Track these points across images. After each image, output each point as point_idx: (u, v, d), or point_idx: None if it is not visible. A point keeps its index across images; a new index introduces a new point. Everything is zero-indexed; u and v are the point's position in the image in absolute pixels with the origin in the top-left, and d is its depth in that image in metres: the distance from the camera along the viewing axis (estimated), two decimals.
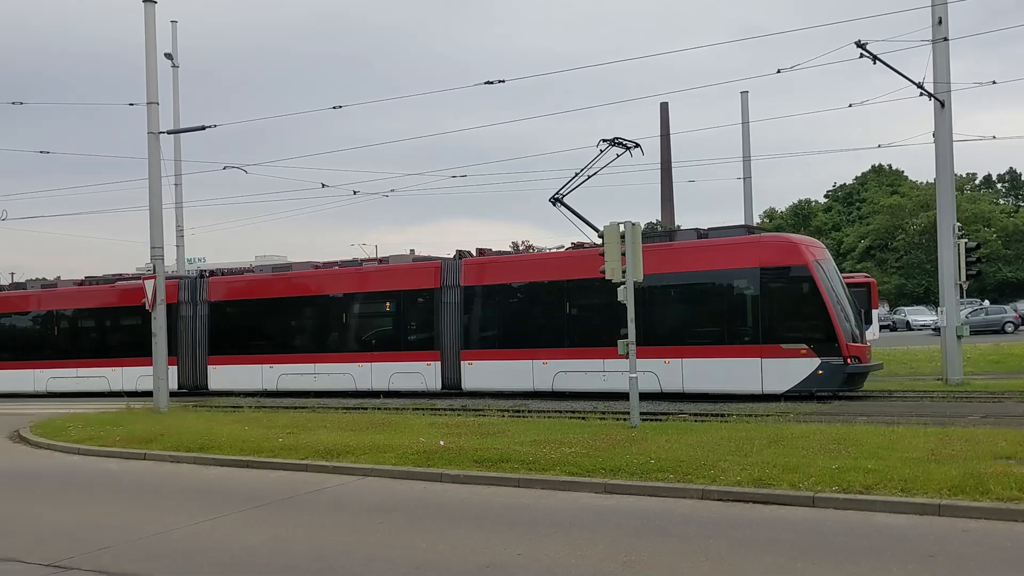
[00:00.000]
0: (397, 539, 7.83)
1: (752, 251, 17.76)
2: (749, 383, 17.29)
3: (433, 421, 14.60)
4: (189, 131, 20.67)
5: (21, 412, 19.87)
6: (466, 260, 21.15)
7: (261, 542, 7.90)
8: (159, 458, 12.82)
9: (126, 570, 7.00)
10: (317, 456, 11.78)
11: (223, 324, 23.96)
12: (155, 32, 18.77)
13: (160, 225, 19.17)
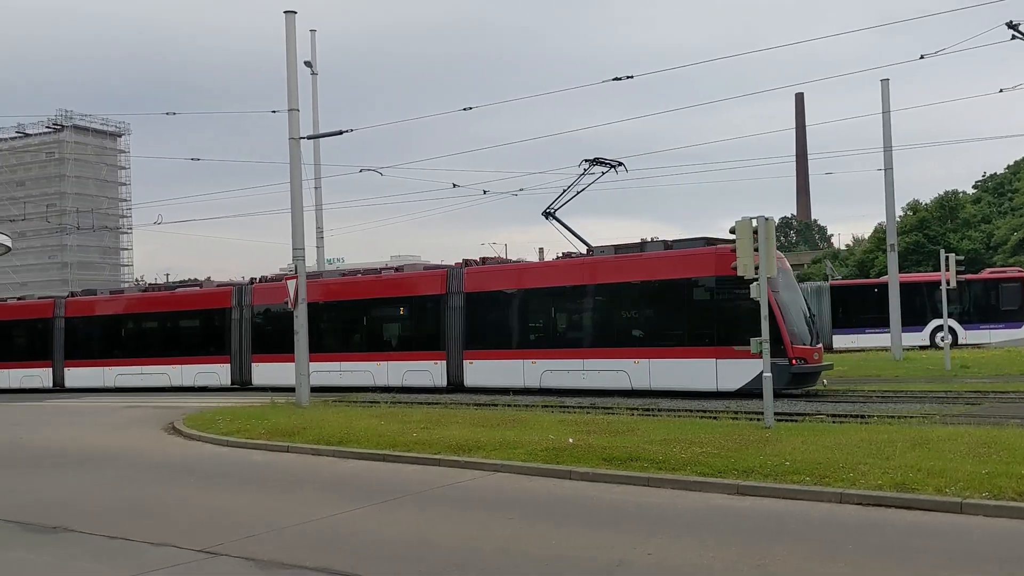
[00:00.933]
0: (528, 534, 7.91)
1: (709, 261, 19.17)
2: (706, 382, 18.79)
3: (562, 419, 14.65)
4: (328, 136, 21.46)
5: (173, 405, 21.10)
6: (468, 269, 23.09)
7: (398, 533, 8.14)
8: (301, 451, 13.37)
9: (272, 557, 7.33)
10: (450, 451, 12.03)
11: (265, 326, 26.33)
12: (295, 41, 19.54)
13: (301, 227, 19.95)
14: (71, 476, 12.05)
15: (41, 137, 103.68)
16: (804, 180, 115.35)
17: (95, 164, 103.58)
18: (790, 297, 19.06)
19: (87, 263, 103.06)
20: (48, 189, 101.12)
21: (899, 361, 26.95)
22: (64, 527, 8.69)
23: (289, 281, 19.93)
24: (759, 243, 12.93)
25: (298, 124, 19.57)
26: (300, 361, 19.24)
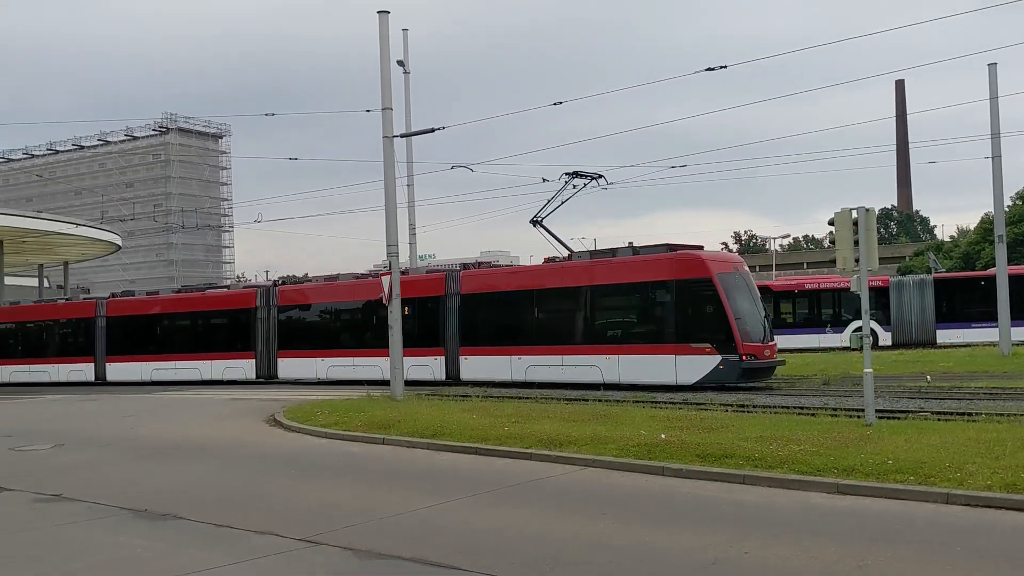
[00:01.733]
0: (620, 530, 7.89)
1: (669, 266, 21.01)
2: (666, 376, 20.38)
3: (653, 414, 14.54)
4: (420, 134, 21.75)
5: (274, 398, 21.75)
6: (463, 272, 25.26)
7: (490, 526, 8.23)
8: (396, 443, 13.62)
9: (370, 547, 7.51)
10: (541, 445, 12.07)
11: (289, 325, 28.74)
12: (389, 41, 19.85)
13: (395, 224, 20.27)
14: (179, 466, 12.56)
15: (148, 140, 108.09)
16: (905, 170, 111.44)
17: (198, 165, 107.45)
18: (743, 297, 20.67)
19: (191, 261, 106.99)
20: (155, 190, 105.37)
21: (1007, 357, 25.80)
22: (173, 515, 9.07)
23: (384, 277, 20.31)
24: (859, 235, 12.55)
25: (391, 122, 19.88)
26: (394, 355, 19.55)
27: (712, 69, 19.00)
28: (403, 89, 33.53)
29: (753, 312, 20.78)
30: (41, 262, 52.93)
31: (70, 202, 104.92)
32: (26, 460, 13.53)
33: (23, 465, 12.98)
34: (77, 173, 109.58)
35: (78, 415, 20.35)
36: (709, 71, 19.08)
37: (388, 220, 20.14)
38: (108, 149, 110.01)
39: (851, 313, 33.82)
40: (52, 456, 13.91)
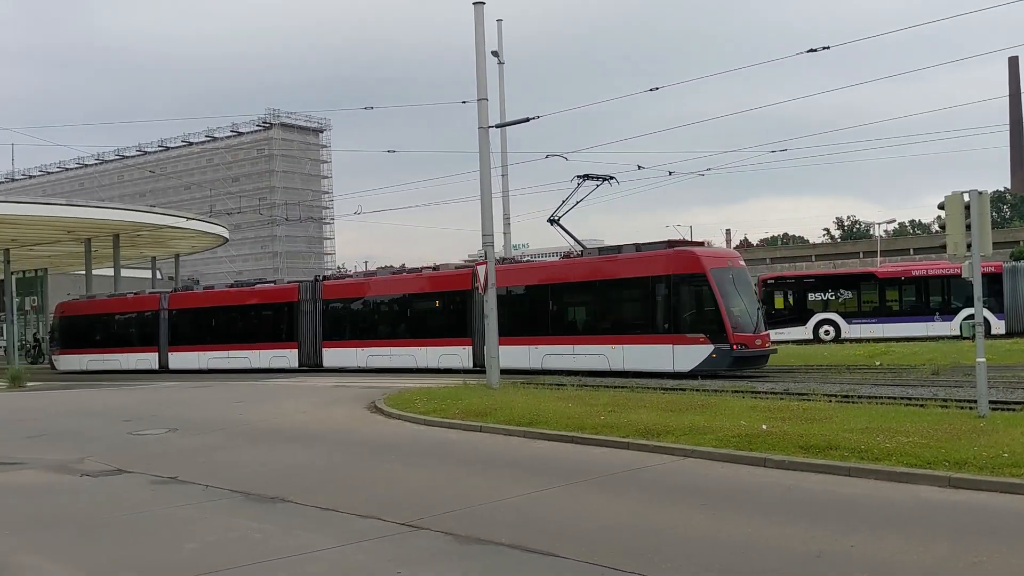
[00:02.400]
0: (721, 521, 7.80)
1: (667, 261, 22.33)
2: (665, 364, 21.76)
3: (753, 404, 14.27)
4: (515, 123, 21.85)
5: (375, 386, 22.22)
6: (476, 264, 25.58)
7: (588, 514, 8.25)
8: (493, 431, 13.75)
9: (469, 533, 7.62)
10: (637, 435, 12.01)
11: (332, 317, 30.55)
12: (484, 32, 19.98)
13: (490, 214, 20.43)
14: (286, 451, 12.99)
15: (253, 135, 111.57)
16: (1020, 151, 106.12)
17: (300, 159, 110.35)
18: (735, 291, 22.02)
19: (294, 252, 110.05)
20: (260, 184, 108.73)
21: None
22: (282, 498, 9.39)
23: (479, 267, 20.51)
24: (971, 220, 12.02)
25: (487, 113, 20.00)
26: (490, 344, 19.74)
27: (814, 50, 18.51)
28: (497, 79, 33.68)
29: (745, 304, 22.29)
30: (154, 255, 55.29)
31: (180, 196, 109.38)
32: (143, 444, 14.20)
33: (141, 449, 13.63)
34: (187, 168, 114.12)
35: (189, 401, 21.22)
36: (811, 52, 18.57)
37: (483, 210, 20.30)
38: (215, 145, 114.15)
39: (961, 300, 32.52)
40: (167, 440, 14.56)
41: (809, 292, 35.34)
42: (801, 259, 75.80)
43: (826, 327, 34.31)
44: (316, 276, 34.25)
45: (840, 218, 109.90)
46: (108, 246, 45.32)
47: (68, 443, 14.63)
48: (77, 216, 40.71)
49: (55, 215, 40.03)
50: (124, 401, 22.09)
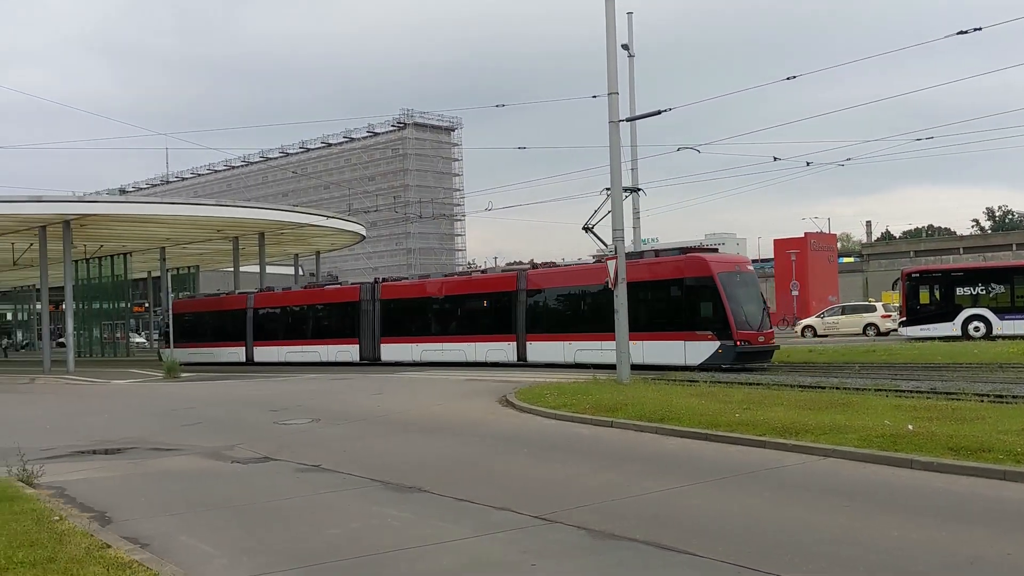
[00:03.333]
0: (864, 523, 7.53)
1: (679, 266, 24.54)
2: (677, 358, 23.66)
3: (898, 403, 13.66)
4: (646, 117, 21.64)
5: (506, 380, 22.49)
6: (529, 272, 29.26)
7: (723, 512, 8.12)
8: (624, 426, 13.69)
9: (602, 528, 7.63)
10: (774, 433, 11.71)
11: (390, 316, 32.85)
12: (615, 26, 19.87)
13: (620, 208, 20.32)
14: (421, 441, 13.36)
15: (387, 135, 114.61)
16: None
17: (433, 158, 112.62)
18: (742, 292, 23.91)
19: (427, 249, 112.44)
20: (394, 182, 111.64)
21: None
22: (418, 488, 9.67)
23: (609, 261, 20.44)
24: None
25: (617, 107, 19.88)
26: (620, 339, 19.65)
27: (964, 32, 17.50)
28: (627, 73, 33.40)
29: (750, 304, 24.10)
30: (297, 252, 57.64)
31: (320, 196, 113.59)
32: (288, 433, 14.88)
33: (286, 438, 14.28)
34: (326, 169, 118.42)
35: (329, 392, 22.05)
36: (961, 34, 17.58)
37: (614, 205, 20.21)
38: (352, 146, 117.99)
39: None
40: (310, 430, 15.21)
41: (957, 286, 33.44)
42: (948, 252, 71.90)
43: (975, 323, 32.39)
44: (376, 278, 36.81)
45: (991, 208, 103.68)
46: (254, 244, 47.60)
47: (219, 431, 15.50)
48: (226, 216, 42.93)
49: (206, 215, 42.35)
50: (270, 392, 23.18)
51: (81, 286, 50.33)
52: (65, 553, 6.82)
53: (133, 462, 12.55)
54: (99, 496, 9.75)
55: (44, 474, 10.44)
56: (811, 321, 41.65)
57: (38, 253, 39.55)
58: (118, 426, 17.02)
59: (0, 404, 23.44)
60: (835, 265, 57.81)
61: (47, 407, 22.32)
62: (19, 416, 20.20)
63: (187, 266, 59.53)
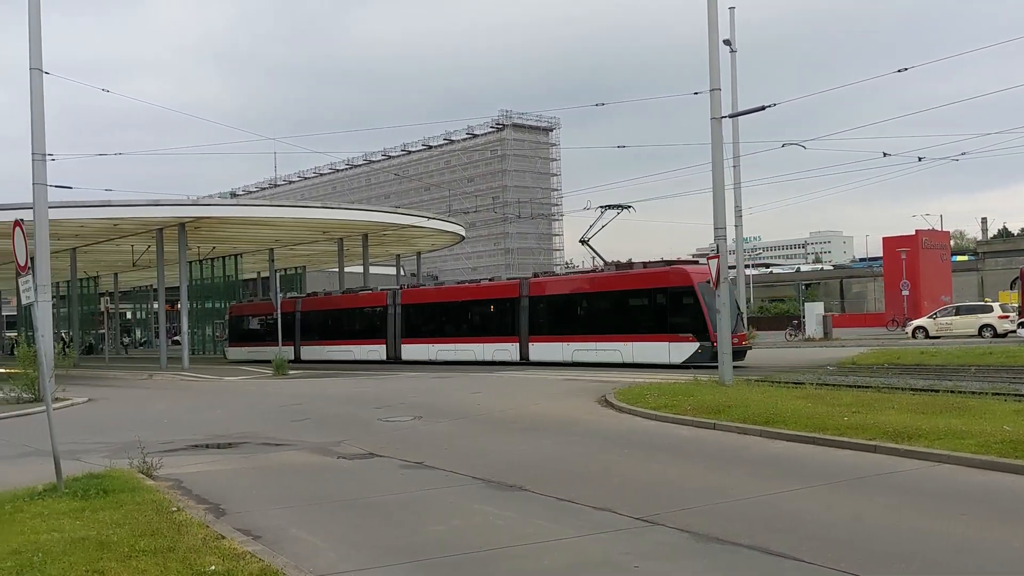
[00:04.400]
0: (984, 533, 7.20)
1: (664, 277, 27.65)
2: (663, 357, 26.63)
3: (1018, 408, 12.98)
4: (749, 113, 21.24)
5: (604, 380, 22.40)
6: (531, 280, 32.68)
7: (833, 518, 7.89)
8: (727, 428, 13.45)
9: (707, 531, 7.51)
10: (886, 438, 11.31)
11: (408, 319, 36.44)
12: (717, 21, 19.55)
13: (722, 206, 19.97)
14: (521, 440, 13.42)
15: (486, 137, 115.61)
16: None
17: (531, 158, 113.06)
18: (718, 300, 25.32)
19: (525, 248, 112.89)
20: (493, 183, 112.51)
21: None
22: (519, 487, 9.72)
23: (711, 260, 20.11)
24: None
25: (719, 103, 19.56)
26: (723, 340, 19.33)
27: None
28: (729, 69, 32.84)
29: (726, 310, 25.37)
30: (398, 252, 58.71)
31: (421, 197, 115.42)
32: (392, 430, 15.18)
33: (391, 435, 14.57)
34: (427, 171, 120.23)
35: (430, 391, 22.39)
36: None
37: (715, 203, 19.88)
38: (452, 147, 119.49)
39: None
40: (413, 427, 15.47)
41: None
42: None
43: None
44: (400, 284, 41.93)
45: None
46: (358, 245, 48.68)
47: (326, 427, 15.93)
48: (331, 217, 44.05)
49: (312, 217, 43.55)
50: (373, 389, 23.68)
51: (195, 286, 52.40)
52: (183, 543, 7.13)
53: (245, 456, 13.02)
54: (213, 488, 10.14)
55: (163, 466, 10.93)
56: (922, 322, 40.04)
57: (155, 254, 41.43)
58: (230, 421, 17.68)
59: (121, 399, 24.64)
60: (948, 264, 55.39)
61: (164, 402, 23.36)
62: (139, 411, 21.21)
63: (294, 267, 61.34)
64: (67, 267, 47.64)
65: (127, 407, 22.38)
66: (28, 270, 10.21)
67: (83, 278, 56.11)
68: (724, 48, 31.23)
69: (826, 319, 42.85)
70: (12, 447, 14.99)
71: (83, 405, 22.51)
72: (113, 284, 64.86)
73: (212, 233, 43.70)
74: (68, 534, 7.47)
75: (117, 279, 64.15)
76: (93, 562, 6.61)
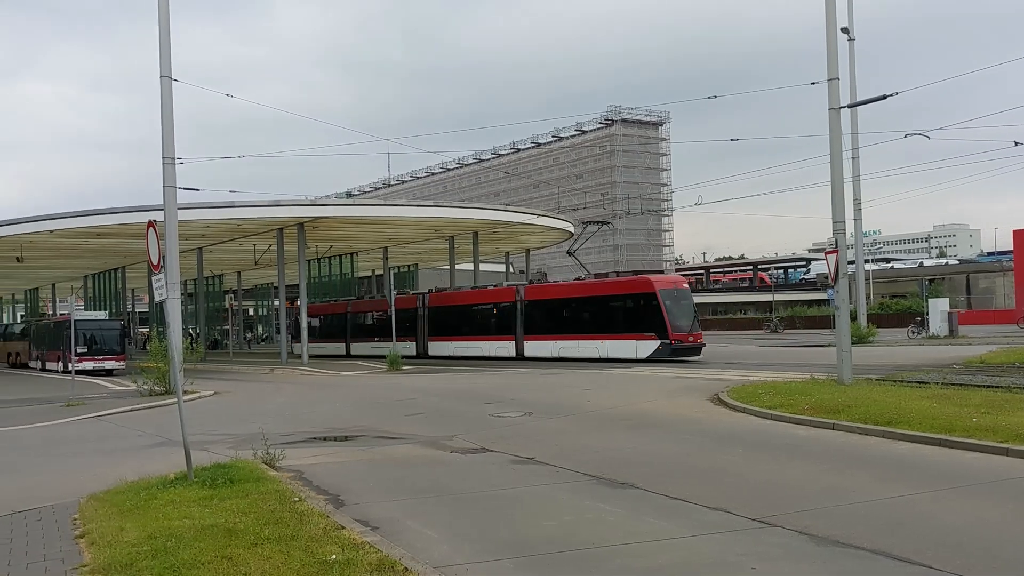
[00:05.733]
0: None
1: (631, 285, 32.96)
2: (631, 354, 30.45)
3: None
4: (869, 102, 20.51)
5: (717, 378, 22.02)
6: (527, 286, 37.39)
7: (961, 523, 7.56)
8: (847, 429, 13.02)
9: (826, 534, 7.30)
10: (1019, 440, 10.75)
11: (432, 319, 41.35)
12: (834, 7, 18.93)
13: (841, 200, 19.32)
14: (631, 437, 13.33)
15: (595, 133, 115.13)
16: None
17: (640, 153, 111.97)
18: (676, 305, 30.68)
19: (634, 245, 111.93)
20: (601, 179, 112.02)
21: None
22: (630, 484, 9.67)
23: (829, 255, 19.52)
24: None
25: (838, 93, 18.91)
26: (842, 336, 18.68)
27: None
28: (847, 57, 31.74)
29: (682, 313, 30.83)
30: (507, 250, 59.13)
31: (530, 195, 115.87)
32: (503, 425, 15.32)
33: (501, 430, 14.71)
34: (536, 168, 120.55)
35: (539, 387, 22.45)
36: None
37: (834, 196, 19.24)
38: (561, 145, 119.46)
39: None
40: (523, 423, 15.57)
41: None
42: None
43: None
44: (429, 288, 46.33)
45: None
46: (468, 242, 49.29)
47: (438, 421, 16.21)
48: (443, 216, 44.76)
49: (424, 215, 44.35)
50: (483, 384, 23.93)
51: (313, 283, 54.09)
52: (305, 532, 7.39)
53: (362, 449, 13.38)
54: (332, 480, 10.47)
55: (284, 457, 11.35)
56: None
57: (276, 253, 42.95)
58: (347, 414, 18.20)
59: (245, 392, 25.68)
60: None
61: (284, 396, 24.22)
62: (261, 404, 22.05)
63: (407, 264, 62.58)
64: (194, 266, 49.89)
65: (250, 400, 23.30)
66: (161, 268, 10.75)
67: (208, 276, 58.64)
68: (842, 36, 30.19)
69: (951, 316, 40.93)
70: (146, 437, 15.84)
71: (210, 398, 23.59)
72: (236, 282, 67.63)
73: (329, 232, 45.02)
74: (198, 521, 7.85)
75: (240, 277, 66.86)
76: (221, 548, 6.93)
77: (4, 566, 7.16)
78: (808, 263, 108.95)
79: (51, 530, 8.35)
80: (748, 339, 51.30)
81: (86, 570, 6.84)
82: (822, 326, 55.58)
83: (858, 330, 34.05)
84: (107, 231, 38.22)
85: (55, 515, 9.00)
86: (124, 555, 6.92)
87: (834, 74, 18.83)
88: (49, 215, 37.22)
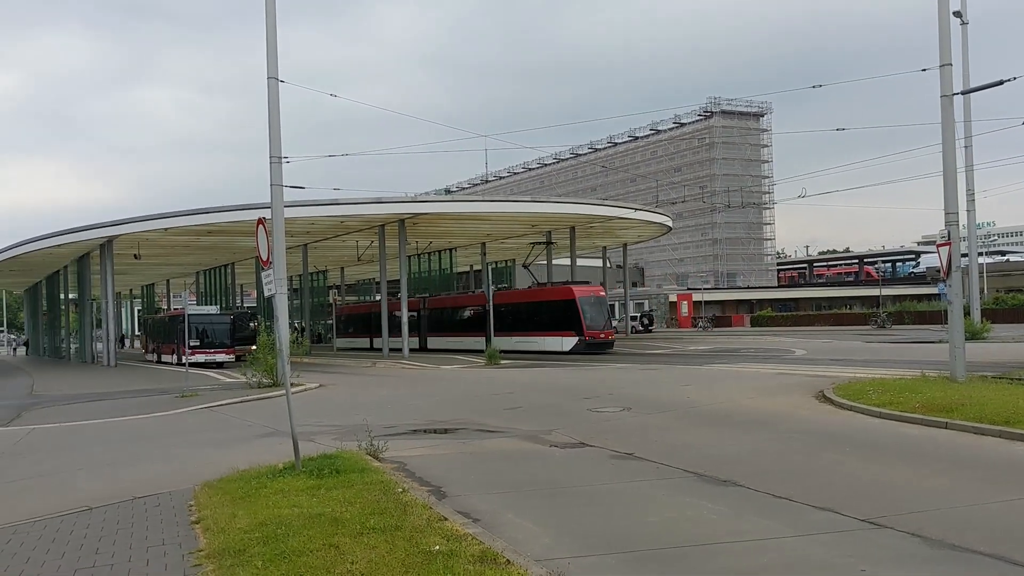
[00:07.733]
0: None
1: (557, 292, 40.37)
2: (558, 348, 38.74)
3: None
4: (984, 88, 19.56)
5: (821, 374, 21.46)
6: (495, 292, 41.16)
7: None
8: (960, 428, 12.52)
9: (940, 537, 7.04)
10: None
11: (430, 319, 48.69)
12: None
13: (954, 190, 18.55)
14: (733, 434, 13.11)
15: (694, 125, 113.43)
16: None
17: (740, 145, 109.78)
18: (592, 308, 39.05)
19: (733, 239, 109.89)
20: (700, 172, 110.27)
21: None
22: (733, 482, 9.52)
23: (941, 248, 18.75)
24: None
25: (951, 80, 18.15)
26: (954, 332, 17.92)
27: None
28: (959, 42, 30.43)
29: (597, 315, 38.93)
30: (604, 244, 58.86)
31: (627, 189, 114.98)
32: (602, 420, 15.28)
33: (600, 425, 14.68)
34: (633, 162, 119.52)
35: (637, 382, 22.31)
36: None
37: (946, 186, 18.48)
38: (659, 138, 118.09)
39: None
40: (622, 418, 15.50)
41: None
42: None
43: None
44: (429, 292, 52.33)
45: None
46: (565, 238, 49.27)
47: (537, 416, 16.28)
48: (539, 211, 44.91)
49: (521, 211, 44.58)
50: (581, 378, 23.93)
51: (413, 279, 55.02)
52: (409, 523, 7.54)
53: (462, 441, 13.57)
54: (434, 471, 10.65)
55: (388, 449, 11.59)
56: None
57: (377, 249, 43.85)
58: (447, 407, 18.46)
59: (348, 386, 26.33)
60: None
61: (386, 389, 24.74)
62: (365, 397, 22.57)
63: (504, 260, 62.97)
64: (299, 262, 51.39)
65: (353, 393, 23.88)
66: (270, 264, 11.12)
67: (313, 272, 60.30)
68: (954, 21, 28.95)
69: None
70: (255, 428, 16.43)
71: (315, 390, 24.29)
72: (339, 277, 69.31)
73: (429, 228, 45.72)
74: (305, 510, 8.11)
75: (343, 272, 68.50)
76: (328, 537, 7.13)
77: (126, 549, 7.54)
78: (917, 256, 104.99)
79: (168, 516, 8.76)
80: (853, 335, 49.78)
81: (202, 555, 7.15)
82: (932, 322, 53.55)
83: (971, 326, 32.67)
84: (217, 229, 39.75)
85: (172, 501, 9.43)
86: (236, 541, 7.20)
87: (947, 60, 18.07)
88: (163, 214, 39.00)
